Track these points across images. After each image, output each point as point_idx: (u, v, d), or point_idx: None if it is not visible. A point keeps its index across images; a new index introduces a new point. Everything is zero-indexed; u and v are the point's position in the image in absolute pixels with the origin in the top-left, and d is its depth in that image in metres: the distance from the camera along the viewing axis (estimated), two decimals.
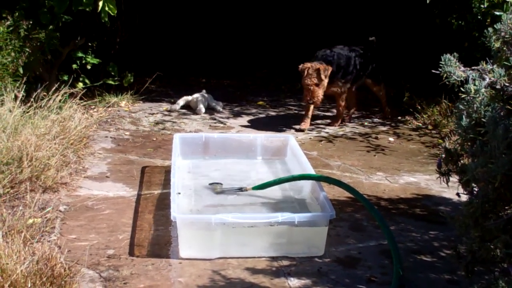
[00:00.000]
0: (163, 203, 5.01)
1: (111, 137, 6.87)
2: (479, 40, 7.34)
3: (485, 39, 3.60)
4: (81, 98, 6.92)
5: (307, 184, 5.07)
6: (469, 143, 3.45)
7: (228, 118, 8.16)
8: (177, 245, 4.21)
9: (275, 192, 5.17)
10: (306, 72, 7.21)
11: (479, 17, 7.47)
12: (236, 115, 8.29)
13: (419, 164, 6.45)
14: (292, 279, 3.93)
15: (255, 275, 3.95)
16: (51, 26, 7.16)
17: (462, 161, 3.68)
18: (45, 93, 6.39)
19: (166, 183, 5.35)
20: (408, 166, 6.37)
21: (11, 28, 6.78)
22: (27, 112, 5.81)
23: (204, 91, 8.56)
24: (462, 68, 3.48)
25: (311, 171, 5.07)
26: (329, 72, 7.28)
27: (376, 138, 7.43)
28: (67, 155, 5.66)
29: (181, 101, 8.41)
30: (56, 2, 6.58)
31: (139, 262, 4.06)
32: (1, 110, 5.50)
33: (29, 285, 3.42)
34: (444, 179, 3.81)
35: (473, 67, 3.45)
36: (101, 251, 4.20)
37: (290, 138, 6.09)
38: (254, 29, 11.61)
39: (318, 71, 7.16)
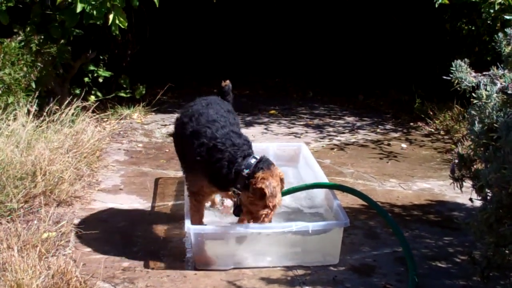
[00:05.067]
0: (177, 214, 5.02)
1: (124, 149, 6.89)
2: (489, 45, 7.33)
3: (495, 44, 3.61)
4: (93, 111, 6.96)
5: (320, 193, 5.06)
6: (482, 149, 3.45)
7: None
8: (192, 256, 4.22)
9: (288, 201, 5.16)
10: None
11: (488, 21, 7.46)
12: (248, 124, 8.28)
13: (432, 170, 6.43)
14: None
15: (270, 285, 3.95)
16: (62, 40, 7.20)
17: (475, 167, 3.68)
18: (57, 107, 6.43)
19: (180, 194, 5.36)
20: (421, 172, 6.35)
21: (22, 43, 6.83)
22: (40, 127, 5.85)
23: None
24: (473, 74, 3.48)
25: (324, 179, 5.07)
26: None
27: (389, 144, 7.41)
28: (80, 168, 5.69)
29: None
30: (67, 16, 6.62)
31: (154, 274, 4.07)
32: (14, 125, 5.53)
33: None
34: (458, 185, 3.81)
35: (484, 73, 3.46)
36: (116, 264, 4.21)
37: (302, 147, 6.09)
38: (265, 39, 11.63)
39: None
